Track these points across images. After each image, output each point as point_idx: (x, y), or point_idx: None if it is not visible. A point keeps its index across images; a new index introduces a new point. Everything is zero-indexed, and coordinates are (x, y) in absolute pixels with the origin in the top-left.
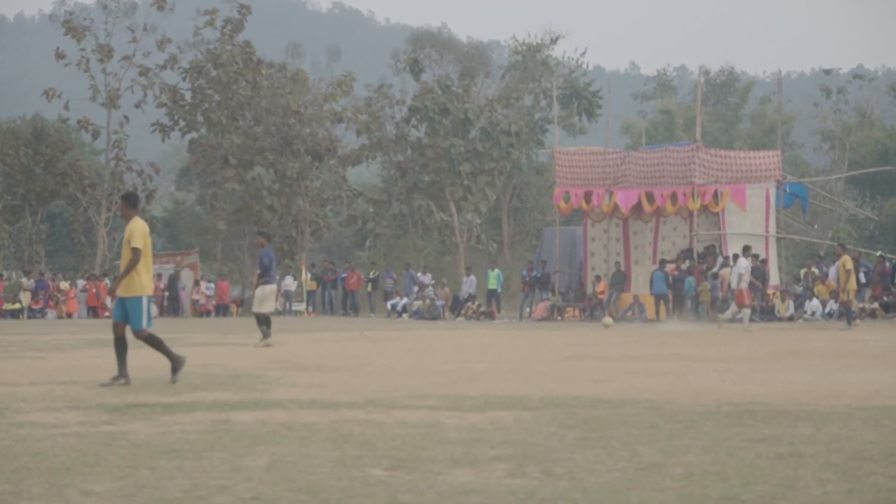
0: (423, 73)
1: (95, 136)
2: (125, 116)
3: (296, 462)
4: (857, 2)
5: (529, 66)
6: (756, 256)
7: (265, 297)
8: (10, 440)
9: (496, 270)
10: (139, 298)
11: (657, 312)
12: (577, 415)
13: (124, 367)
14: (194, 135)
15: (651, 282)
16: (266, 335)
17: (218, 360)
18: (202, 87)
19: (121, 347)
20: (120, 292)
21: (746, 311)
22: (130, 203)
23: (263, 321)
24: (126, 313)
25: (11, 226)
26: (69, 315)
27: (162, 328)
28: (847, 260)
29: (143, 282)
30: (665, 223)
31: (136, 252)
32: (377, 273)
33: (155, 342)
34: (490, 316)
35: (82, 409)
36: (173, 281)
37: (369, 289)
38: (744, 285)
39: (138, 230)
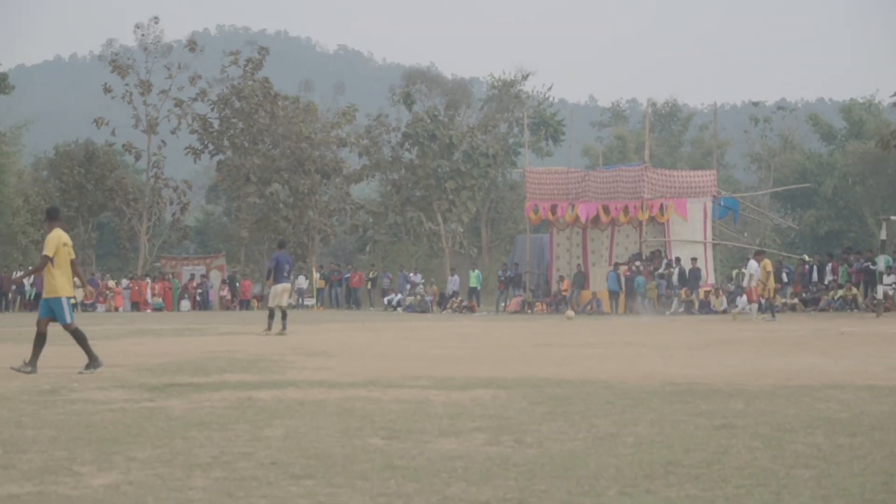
0: (414, 105)
1: (137, 157)
2: (163, 141)
3: (307, 433)
4: (781, 42)
5: (504, 99)
6: (694, 260)
7: (277, 294)
8: (66, 414)
9: (476, 271)
10: (59, 299)
11: (612, 307)
12: (544, 393)
13: (36, 359)
14: (221, 157)
15: (607, 280)
16: (269, 326)
17: (241, 347)
18: (228, 117)
19: (40, 341)
20: (45, 294)
21: (754, 306)
22: (50, 216)
23: (274, 314)
24: (51, 311)
25: (67, 233)
26: (116, 309)
27: (192, 320)
28: (767, 263)
29: (61, 284)
30: (619, 231)
31: (43, 259)
32: (376, 273)
33: (80, 337)
34: (471, 310)
35: (126, 388)
36: (203, 280)
37: (369, 287)
38: (753, 284)
39: (52, 240)
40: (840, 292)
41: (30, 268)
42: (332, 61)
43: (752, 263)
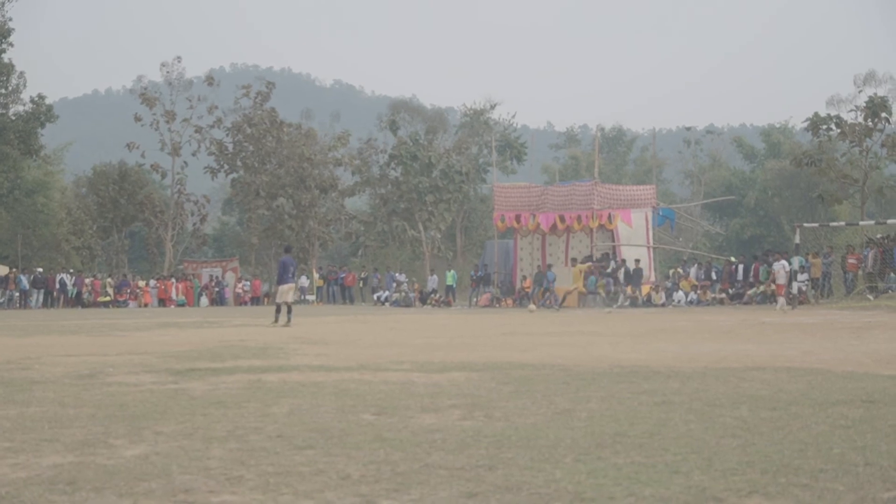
0: (399, 130)
1: (163, 176)
2: (185, 162)
3: (309, 410)
4: (708, 74)
5: (475, 125)
6: (637, 261)
7: (283, 292)
8: (102, 395)
9: (452, 271)
10: None
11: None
12: (510, 375)
13: None
14: (235, 175)
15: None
16: (276, 319)
17: (252, 336)
18: (240, 141)
19: None
20: None
21: (782, 300)
22: None
23: (280, 309)
24: None
25: (103, 241)
26: (145, 305)
27: (210, 314)
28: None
29: None
30: (573, 237)
31: None
32: (367, 273)
33: None
34: (448, 304)
35: (154, 372)
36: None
37: (361, 285)
38: (781, 281)
39: None
40: (761, 288)
41: None
42: (328, 93)
43: (777, 264)
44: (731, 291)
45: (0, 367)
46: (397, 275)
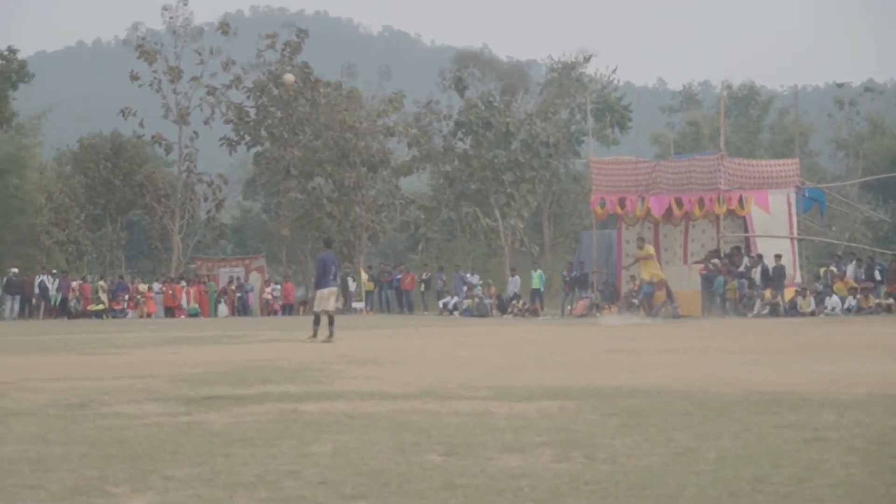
0: (467, 90)
1: (168, 150)
2: (195, 132)
3: (358, 448)
4: (867, 20)
5: (565, 83)
6: (778, 256)
7: (323, 298)
8: (97, 430)
9: (538, 271)
10: None
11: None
12: (617, 403)
13: None
14: (258, 148)
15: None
16: (315, 333)
17: (284, 354)
18: (265, 105)
19: None
20: None
21: None
22: None
23: (319, 320)
24: None
25: (94, 233)
26: (148, 315)
27: (232, 326)
28: None
29: None
30: (694, 226)
31: None
32: (429, 274)
33: None
34: (534, 313)
35: (162, 400)
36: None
37: (422, 289)
38: None
39: None
40: None
41: None
42: (376, 43)
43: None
44: None
45: None
46: (468, 275)
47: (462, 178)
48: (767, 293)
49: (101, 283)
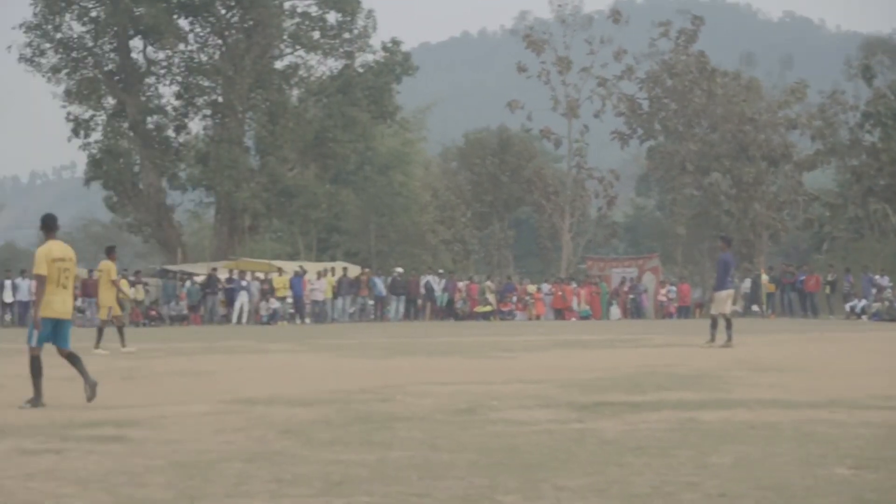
0: (875, 79)
1: (557, 144)
2: (585, 126)
3: (760, 460)
4: None
5: None
6: None
7: (721, 300)
8: (486, 436)
9: None
10: (48, 320)
11: None
12: None
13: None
14: (652, 142)
15: None
16: (712, 337)
17: (681, 360)
18: (658, 97)
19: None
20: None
21: None
22: (42, 225)
23: (717, 323)
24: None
25: (480, 232)
26: (537, 317)
27: (625, 329)
28: None
29: (53, 305)
30: None
31: (38, 279)
32: (835, 276)
33: (34, 370)
34: None
35: (552, 407)
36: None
37: (828, 291)
38: None
39: (42, 255)
40: None
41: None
42: (776, 31)
43: None
44: None
45: (354, 397)
46: (877, 277)
47: (870, 173)
48: None
49: (489, 283)
